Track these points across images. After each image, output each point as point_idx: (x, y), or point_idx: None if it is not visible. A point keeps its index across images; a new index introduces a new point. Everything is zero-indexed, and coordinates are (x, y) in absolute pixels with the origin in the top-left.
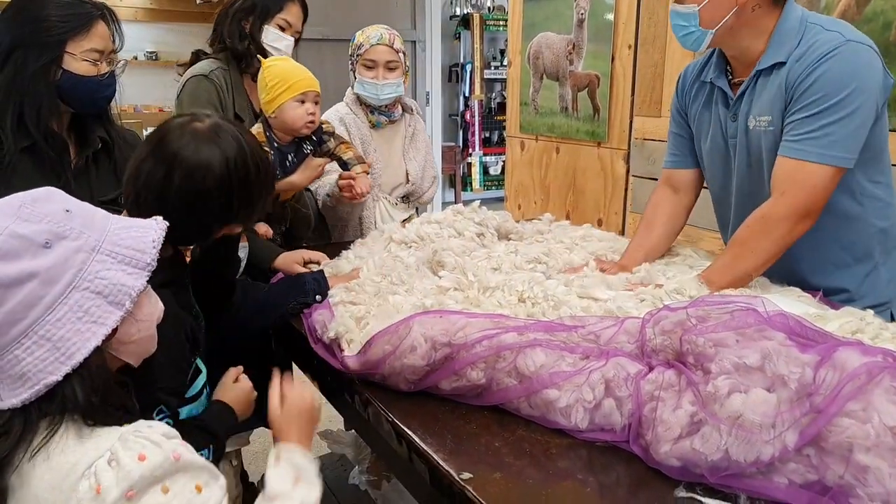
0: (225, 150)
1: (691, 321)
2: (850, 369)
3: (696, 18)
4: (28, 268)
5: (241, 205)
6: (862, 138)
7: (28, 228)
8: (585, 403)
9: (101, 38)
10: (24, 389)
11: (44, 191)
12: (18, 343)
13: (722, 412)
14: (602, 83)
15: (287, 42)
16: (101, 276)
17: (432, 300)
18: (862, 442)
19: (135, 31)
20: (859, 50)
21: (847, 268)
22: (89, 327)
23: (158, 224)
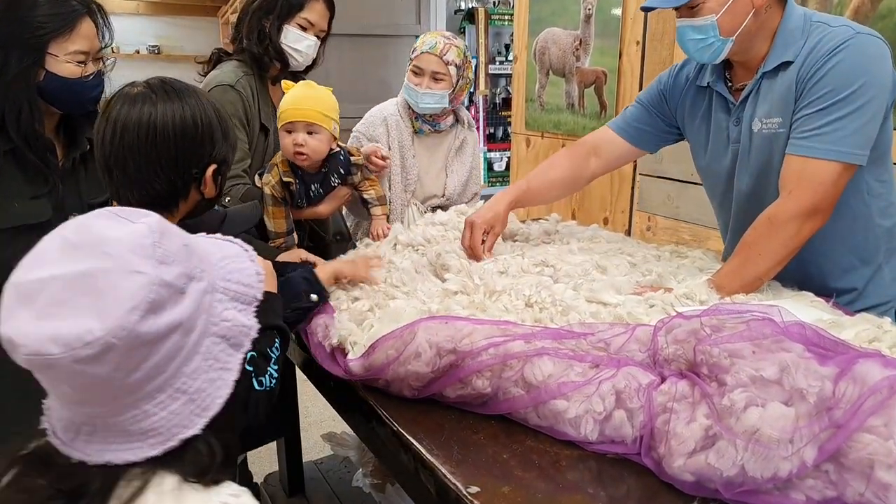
0: (164, 107)
1: (705, 330)
2: (872, 383)
3: (716, 29)
4: (173, 318)
5: (188, 158)
6: (872, 134)
7: (170, 274)
8: (595, 415)
9: (87, 37)
10: (152, 445)
11: (158, 220)
12: (151, 398)
13: (738, 426)
14: (609, 80)
15: (308, 42)
16: (224, 318)
17: (438, 305)
18: (884, 459)
19: (137, 24)
20: (869, 42)
21: (854, 270)
22: (220, 374)
23: (249, 253)
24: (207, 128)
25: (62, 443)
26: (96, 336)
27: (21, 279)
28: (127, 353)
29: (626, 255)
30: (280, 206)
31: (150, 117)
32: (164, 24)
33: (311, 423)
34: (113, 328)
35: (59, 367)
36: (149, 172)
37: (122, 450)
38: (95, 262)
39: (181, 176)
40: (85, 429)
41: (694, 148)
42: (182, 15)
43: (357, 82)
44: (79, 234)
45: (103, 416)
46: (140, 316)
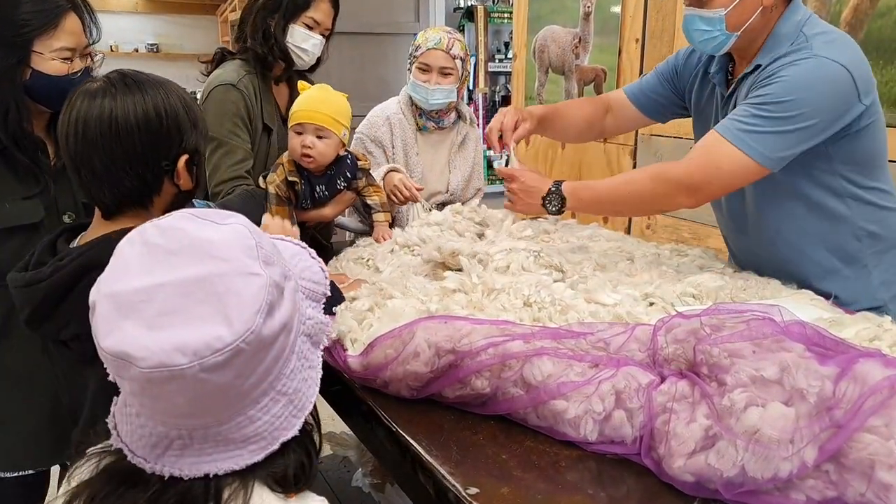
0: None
1: (705, 330)
2: (872, 383)
3: (723, 23)
4: (283, 318)
5: (156, 150)
6: (794, 146)
7: (276, 273)
8: (595, 415)
9: (72, 34)
10: (253, 451)
11: (246, 220)
12: (255, 402)
13: (738, 427)
14: (608, 77)
15: (314, 41)
16: (308, 316)
17: (437, 305)
18: (885, 459)
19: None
20: (823, 65)
21: (835, 272)
22: (309, 374)
23: (308, 250)
24: (173, 118)
25: (145, 461)
26: (227, 343)
27: (116, 289)
28: (251, 358)
29: (626, 253)
30: (283, 205)
31: (111, 112)
32: (162, 22)
33: None
34: (243, 333)
35: (184, 378)
36: (116, 168)
37: (222, 459)
38: (208, 267)
39: (150, 169)
40: (178, 443)
41: (696, 136)
42: (181, 13)
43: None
44: (168, 238)
45: (206, 427)
46: (264, 319)
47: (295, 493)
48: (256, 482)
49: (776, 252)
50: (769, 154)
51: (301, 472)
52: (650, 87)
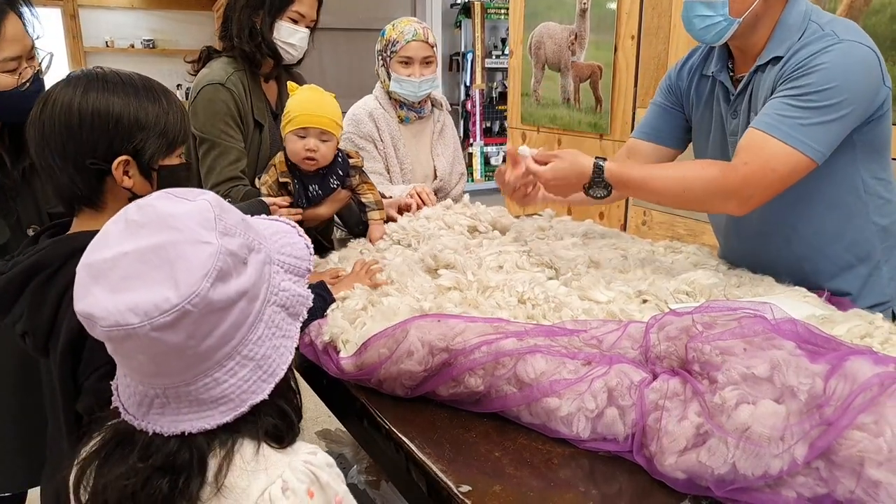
0: (62, 93)
1: (697, 327)
2: (862, 380)
3: (726, 7)
4: (240, 286)
5: (77, 147)
6: (838, 136)
7: (233, 244)
8: (587, 412)
9: (14, 40)
10: (223, 412)
11: (215, 197)
12: (221, 365)
13: (729, 424)
14: (604, 74)
15: (301, 35)
16: (282, 288)
17: (430, 303)
18: (874, 456)
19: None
20: (854, 48)
21: (850, 268)
22: (282, 342)
23: (297, 229)
24: (103, 118)
25: (134, 418)
26: (173, 304)
27: (91, 259)
28: (200, 320)
29: (620, 250)
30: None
31: (51, 107)
32: (158, 18)
33: (306, 420)
34: (188, 295)
35: (138, 337)
36: (48, 164)
37: (196, 419)
38: (164, 236)
39: (77, 168)
40: (157, 401)
41: (696, 139)
42: (176, 9)
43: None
44: (142, 213)
45: (176, 386)
46: (211, 283)
47: (288, 446)
48: (248, 441)
49: (790, 252)
50: (819, 147)
51: (285, 430)
52: (653, 119)
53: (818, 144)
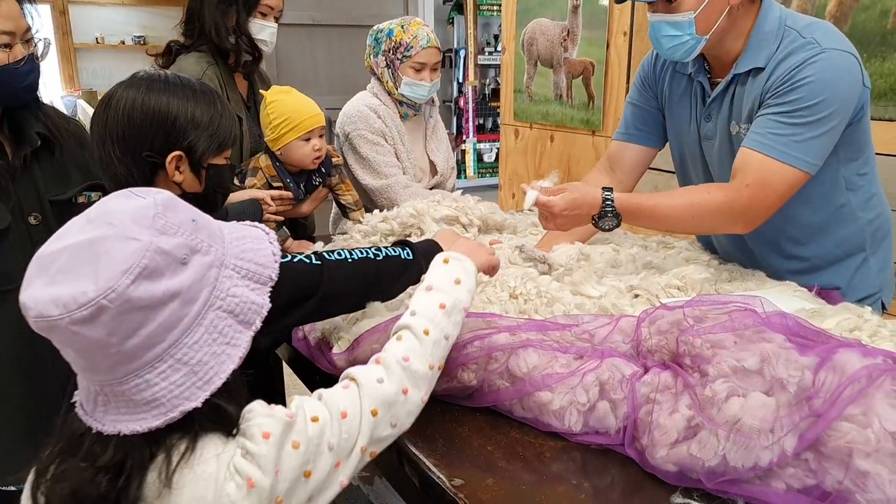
0: (127, 92)
1: (688, 321)
2: (851, 372)
3: (693, 26)
4: (171, 287)
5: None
6: (828, 146)
7: (169, 243)
8: (579, 406)
9: (8, 17)
10: (155, 416)
11: (167, 195)
12: (152, 367)
13: (720, 417)
14: (597, 70)
15: (270, 30)
16: (231, 294)
17: None
18: (862, 447)
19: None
20: (836, 57)
21: (839, 262)
22: (224, 349)
23: (269, 235)
24: (163, 115)
25: (85, 413)
26: (89, 297)
27: (42, 252)
28: (119, 317)
29: (612, 245)
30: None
31: (116, 101)
32: (149, 14)
33: None
34: (104, 290)
35: (60, 329)
36: (107, 153)
37: (131, 420)
38: (99, 231)
39: (133, 159)
40: (100, 398)
41: (671, 135)
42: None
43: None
44: (96, 209)
45: (110, 385)
46: (132, 279)
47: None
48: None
49: (780, 250)
50: (813, 160)
51: (231, 424)
52: (632, 119)
53: (813, 158)
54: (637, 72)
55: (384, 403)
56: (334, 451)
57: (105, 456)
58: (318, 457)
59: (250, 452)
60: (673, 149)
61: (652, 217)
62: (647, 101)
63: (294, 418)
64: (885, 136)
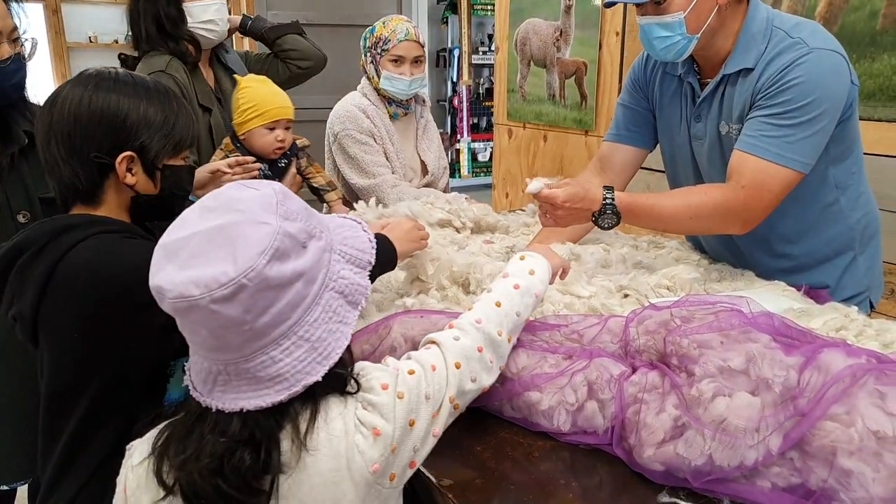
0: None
1: (675, 321)
2: (835, 372)
3: (683, 26)
4: (297, 267)
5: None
6: (820, 145)
7: (293, 227)
8: (568, 406)
9: None
10: (278, 391)
11: (281, 186)
12: (277, 344)
13: (706, 416)
14: (589, 70)
15: (215, 7)
16: (341, 276)
17: (413, 300)
18: (845, 446)
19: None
20: (824, 57)
21: (828, 261)
22: (338, 327)
23: (361, 224)
24: (112, 115)
25: (201, 395)
26: (230, 277)
27: (167, 240)
28: (256, 295)
29: (603, 244)
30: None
31: (62, 100)
32: None
33: None
34: (244, 269)
35: (199, 308)
36: (52, 153)
37: (254, 396)
38: (229, 217)
39: (80, 161)
40: (221, 378)
41: (661, 136)
42: None
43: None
44: (214, 199)
45: (236, 362)
46: (267, 260)
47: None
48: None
49: (769, 249)
50: (806, 160)
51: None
52: (623, 121)
53: (806, 157)
54: (628, 74)
55: (464, 357)
56: (431, 401)
57: (231, 432)
58: (419, 406)
59: (372, 403)
60: (663, 149)
61: (650, 216)
62: (638, 103)
63: (398, 371)
64: (874, 136)
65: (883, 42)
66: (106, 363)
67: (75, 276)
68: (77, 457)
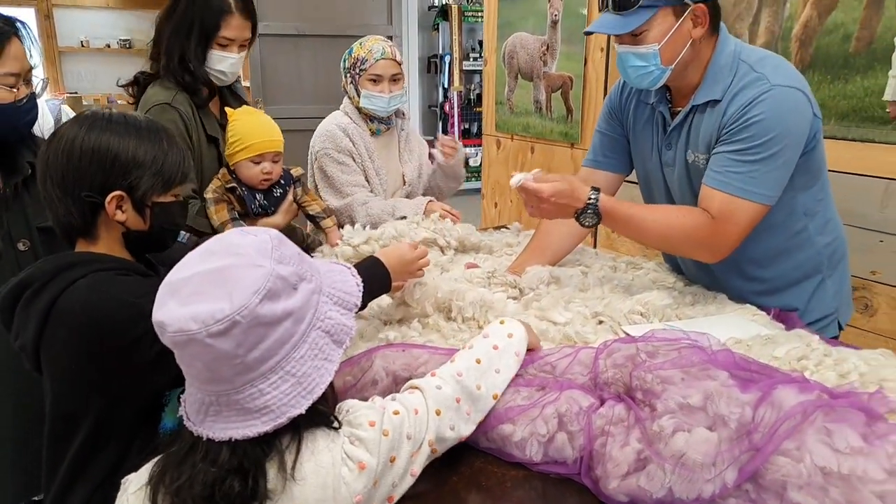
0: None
1: (641, 356)
2: (787, 408)
3: (657, 58)
4: (287, 307)
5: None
6: (784, 177)
7: (285, 270)
8: (539, 437)
9: (16, 59)
10: (265, 422)
11: (277, 233)
12: (265, 378)
13: (666, 451)
14: (575, 85)
15: (231, 61)
16: (328, 317)
17: (395, 332)
18: (795, 480)
19: (107, 18)
20: (784, 94)
21: (797, 284)
22: (323, 364)
23: (350, 269)
24: (103, 155)
25: (193, 424)
26: (226, 314)
27: (171, 279)
28: (248, 331)
29: (583, 266)
30: (222, 201)
31: (58, 140)
32: (134, 18)
33: None
34: (239, 307)
35: (196, 342)
36: (48, 192)
37: (242, 426)
38: (228, 260)
39: (73, 199)
40: (213, 409)
41: (636, 161)
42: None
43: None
44: (216, 243)
45: (227, 393)
46: (260, 299)
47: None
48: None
49: (741, 272)
50: (771, 193)
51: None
52: (601, 147)
53: (770, 190)
54: (605, 101)
55: (444, 406)
56: (411, 441)
57: (221, 460)
58: (400, 444)
59: (359, 438)
60: (638, 173)
61: (627, 226)
62: (614, 129)
63: (384, 410)
64: (847, 154)
65: (855, 64)
66: (102, 393)
67: (71, 313)
68: (77, 480)
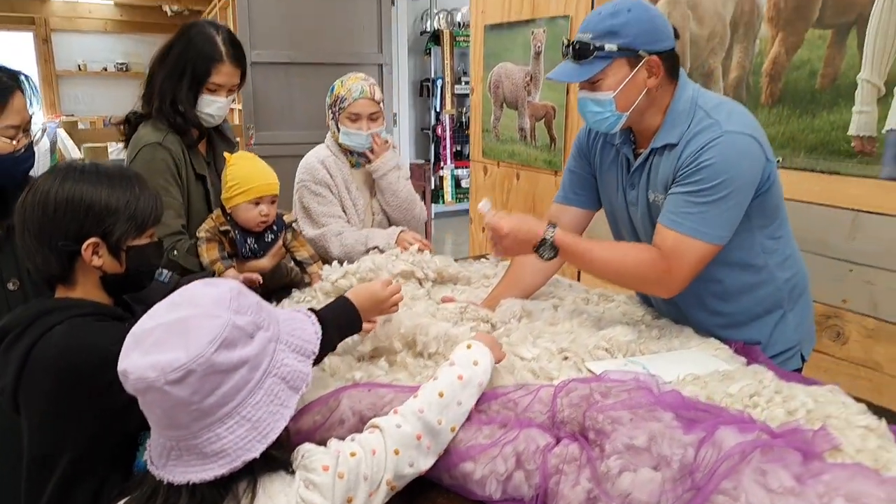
0: (45, 182)
1: (595, 396)
2: (727, 449)
3: (613, 104)
4: (243, 355)
5: (50, 230)
6: (735, 219)
7: (242, 320)
8: (498, 475)
9: (18, 111)
10: (221, 465)
11: (238, 284)
12: (221, 423)
13: (613, 490)
14: (558, 114)
15: (219, 105)
16: (284, 364)
17: (361, 373)
18: None
19: (104, 42)
20: (735, 140)
21: (759, 319)
22: (278, 409)
23: (310, 317)
24: (76, 205)
25: (156, 468)
26: (182, 363)
27: (136, 330)
28: (203, 378)
29: (555, 299)
30: (213, 241)
31: (34, 192)
32: (131, 41)
33: None
34: (194, 356)
35: (154, 390)
36: (26, 243)
37: (200, 470)
38: (188, 311)
39: (51, 248)
40: (174, 453)
41: (603, 199)
42: (150, 33)
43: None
44: (180, 295)
45: (186, 439)
46: (216, 348)
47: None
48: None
49: (704, 307)
50: (722, 233)
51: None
52: (571, 185)
53: (721, 231)
54: (574, 141)
55: (403, 444)
56: (368, 482)
57: (181, 502)
58: (357, 485)
59: (314, 483)
60: (606, 210)
61: (582, 260)
62: (583, 168)
63: (339, 453)
64: (816, 187)
65: (822, 100)
66: (77, 434)
67: (48, 358)
68: None
